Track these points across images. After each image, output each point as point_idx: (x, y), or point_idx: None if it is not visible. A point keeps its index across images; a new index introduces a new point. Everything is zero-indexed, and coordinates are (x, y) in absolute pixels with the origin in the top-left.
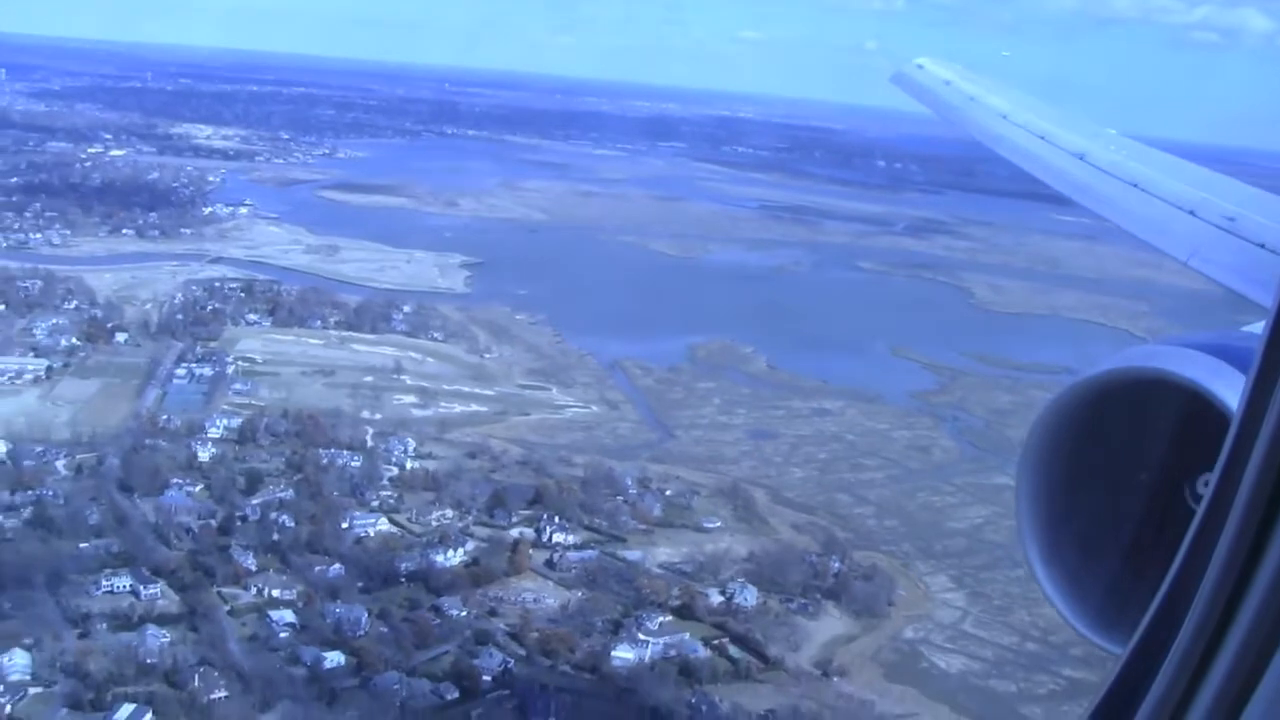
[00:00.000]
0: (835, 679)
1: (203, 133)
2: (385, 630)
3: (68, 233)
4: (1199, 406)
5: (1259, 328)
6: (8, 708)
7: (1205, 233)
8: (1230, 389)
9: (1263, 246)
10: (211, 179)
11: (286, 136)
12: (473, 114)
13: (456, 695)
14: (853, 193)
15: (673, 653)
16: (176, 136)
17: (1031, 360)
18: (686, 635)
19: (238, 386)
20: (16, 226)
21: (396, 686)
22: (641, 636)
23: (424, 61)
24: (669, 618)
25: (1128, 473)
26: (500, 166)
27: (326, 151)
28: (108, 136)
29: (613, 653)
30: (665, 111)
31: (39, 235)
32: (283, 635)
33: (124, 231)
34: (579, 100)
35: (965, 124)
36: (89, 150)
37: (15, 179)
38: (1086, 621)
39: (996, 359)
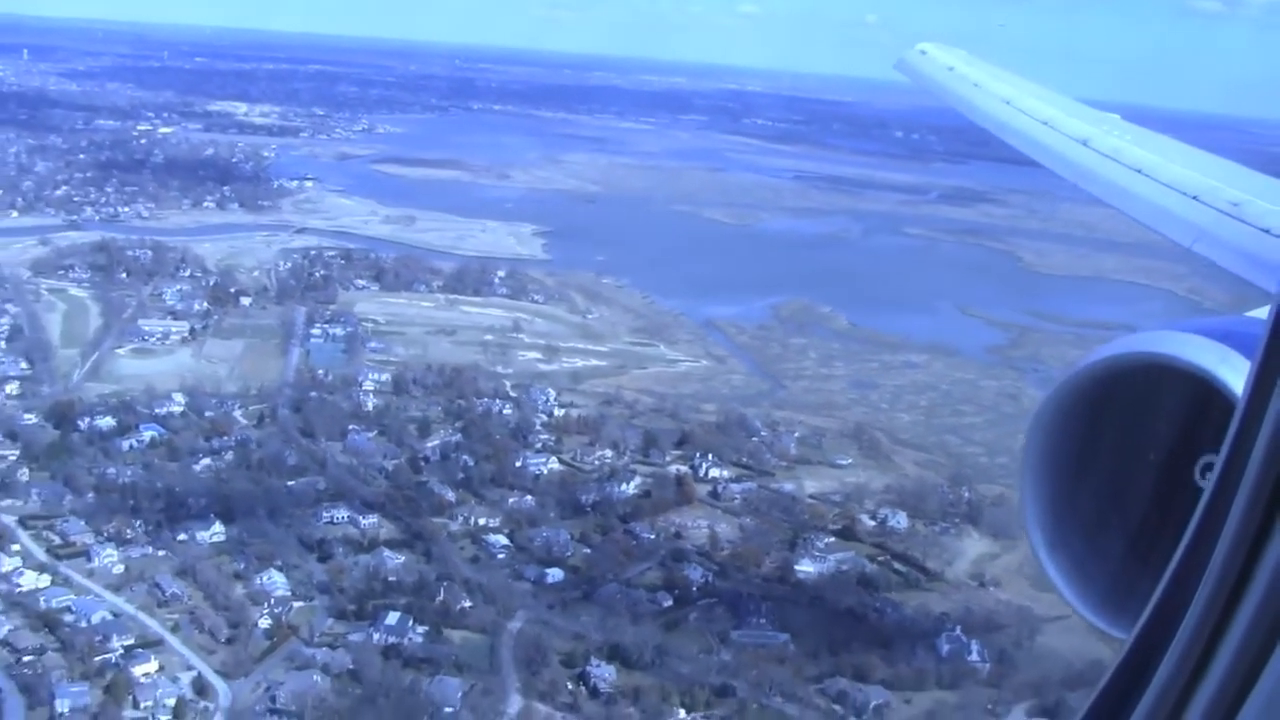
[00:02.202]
0: (991, 588)
1: (239, 110)
2: (589, 551)
3: (152, 206)
4: (1204, 392)
5: (1264, 313)
6: (282, 618)
7: (1210, 218)
8: (1235, 374)
9: (1268, 232)
10: (266, 154)
11: (321, 113)
12: (491, 90)
13: (671, 603)
14: (879, 163)
15: (846, 567)
16: (216, 114)
17: (1089, 318)
18: (852, 553)
19: (372, 345)
20: (103, 201)
21: (617, 596)
22: (815, 554)
23: (424, 38)
24: (832, 539)
25: (1133, 458)
26: (537, 140)
27: (364, 127)
28: (150, 114)
29: (795, 567)
30: (674, 86)
31: (127, 209)
32: (500, 556)
33: (205, 204)
34: (589, 75)
35: (970, 110)
36: (138, 128)
37: (82, 156)
38: (1091, 607)
39: (1056, 316)
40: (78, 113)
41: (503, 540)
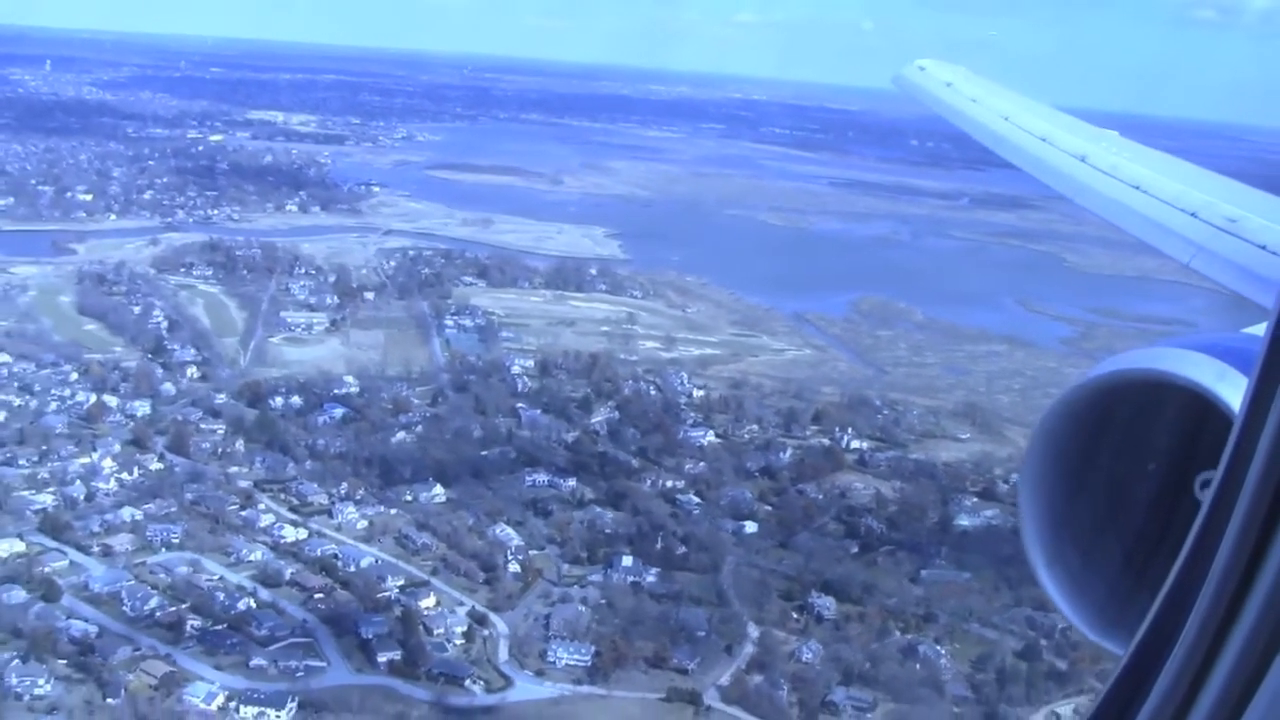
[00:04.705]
0: None
1: (278, 118)
2: (770, 508)
3: (239, 209)
4: (1202, 408)
5: (1261, 329)
6: (526, 563)
7: (1207, 234)
8: (1233, 390)
9: (1264, 248)
10: (322, 161)
11: (357, 121)
12: (510, 99)
13: (857, 549)
14: (903, 169)
15: (996, 522)
16: (258, 122)
17: (1145, 313)
18: (997, 510)
19: (505, 334)
20: (191, 205)
21: (810, 543)
22: (966, 510)
23: (421, 47)
24: (976, 499)
25: (1131, 475)
26: (574, 148)
27: (404, 135)
28: (193, 122)
29: (954, 521)
30: (682, 95)
31: (215, 211)
32: (695, 512)
33: (287, 208)
34: (597, 85)
35: (969, 125)
36: (189, 135)
37: (151, 163)
38: (1088, 622)
39: (1114, 312)
40: (126, 121)
41: (694, 499)
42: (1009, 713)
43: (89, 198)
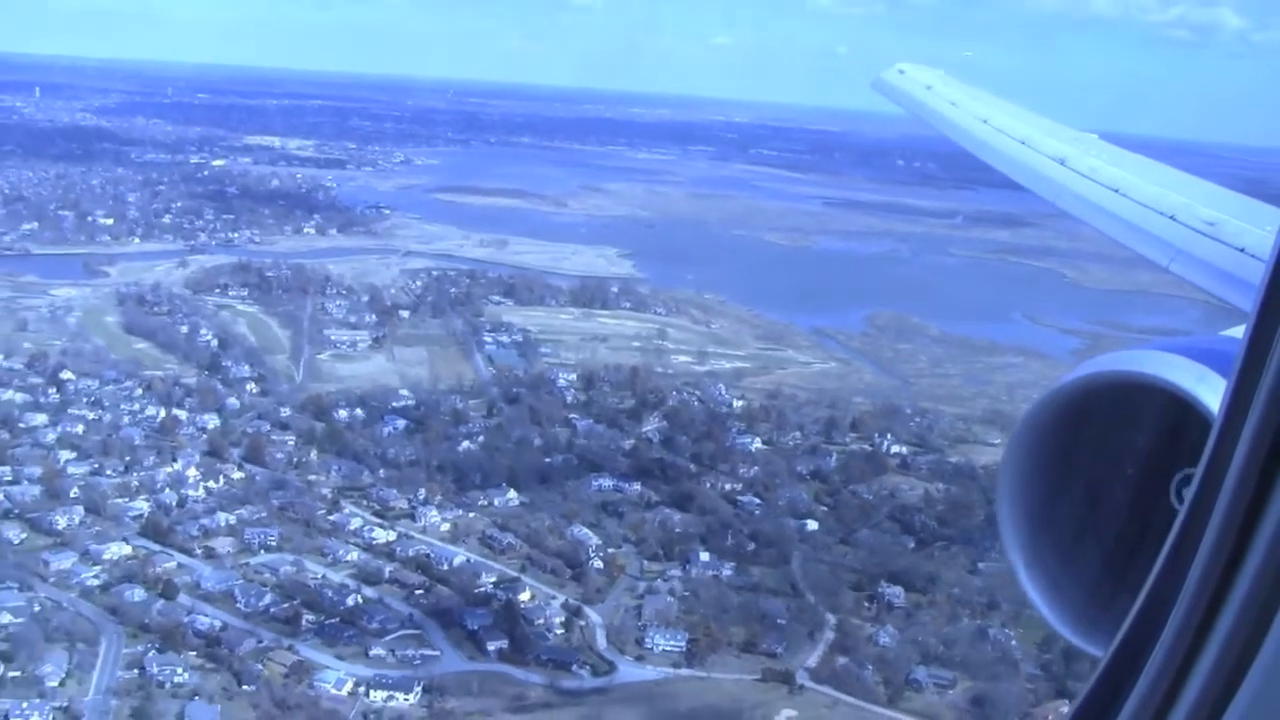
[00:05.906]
0: None
1: (275, 143)
2: (826, 508)
3: (258, 231)
4: (1181, 410)
5: (1239, 331)
6: (608, 560)
7: (1186, 237)
8: (1212, 393)
9: (1243, 251)
10: (328, 185)
11: (353, 146)
12: (498, 123)
13: (914, 544)
14: (894, 189)
15: None
16: (257, 147)
17: (1148, 326)
18: None
19: (543, 350)
20: (211, 228)
21: (870, 539)
22: None
23: (401, 72)
24: None
25: (1110, 476)
26: (570, 171)
27: (402, 159)
28: (193, 148)
29: None
30: (664, 118)
31: (236, 234)
32: (757, 513)
33: (305, 230)
34: (581, 109)
35: (947, 128)
36: (192, 160)
37: (162, 187)
38: (1068, 624)
39: (1118, 324)
40: (127, 147)
41: (755, 500)
42: (1077, 688)
43: (110, 222)
